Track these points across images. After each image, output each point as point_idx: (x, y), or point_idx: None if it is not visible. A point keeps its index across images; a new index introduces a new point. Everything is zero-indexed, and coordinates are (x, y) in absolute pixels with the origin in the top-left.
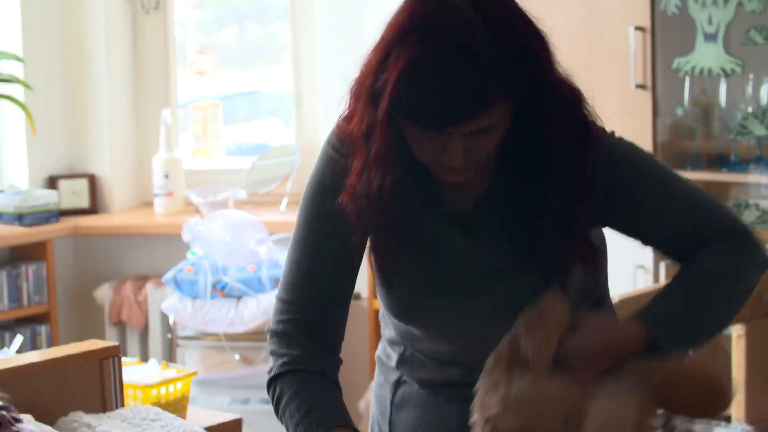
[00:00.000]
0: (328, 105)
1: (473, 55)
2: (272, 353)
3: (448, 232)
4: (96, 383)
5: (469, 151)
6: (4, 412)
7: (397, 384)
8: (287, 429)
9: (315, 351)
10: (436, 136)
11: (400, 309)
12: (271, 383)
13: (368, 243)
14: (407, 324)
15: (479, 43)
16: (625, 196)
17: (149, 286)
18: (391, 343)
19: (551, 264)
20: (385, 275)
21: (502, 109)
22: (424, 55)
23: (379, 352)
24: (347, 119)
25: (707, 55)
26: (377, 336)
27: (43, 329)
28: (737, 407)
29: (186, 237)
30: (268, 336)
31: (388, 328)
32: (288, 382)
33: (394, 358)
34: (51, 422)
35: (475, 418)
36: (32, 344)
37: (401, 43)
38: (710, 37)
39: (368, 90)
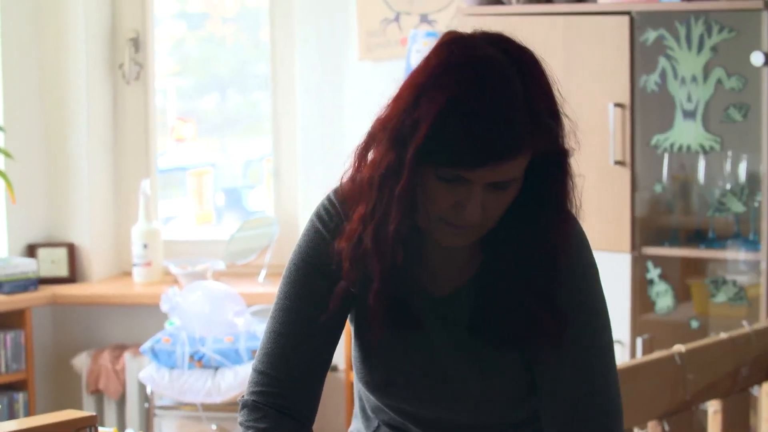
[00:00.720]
0: (307, 176)
1: (509, 96)
2: (241, 424)
3: (428, 313)
4: None
5: (485, 206)
6: None
7: None
8: None
9: (285, 426)
10: (458, 185)
11: (377, 386)
12: None
13: (348, 319)
14: (382, 399)
15: (514, 86)
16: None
17: (127, 356)
18: (365, 418)
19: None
20: (365, 348)
21: (523, 162)
22: (462, 95)
23: (351, 428)
24: (353, 179)
25: (686, 132)
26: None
27: (20, 397)
28: None
29: (164, 307)
30: (239, 406)
31: (362, 403)
32: None
33: None
34: None
35: None
36: (9, 412)
37: (436, 84)
38: (689, 115)
39: (392, 132)
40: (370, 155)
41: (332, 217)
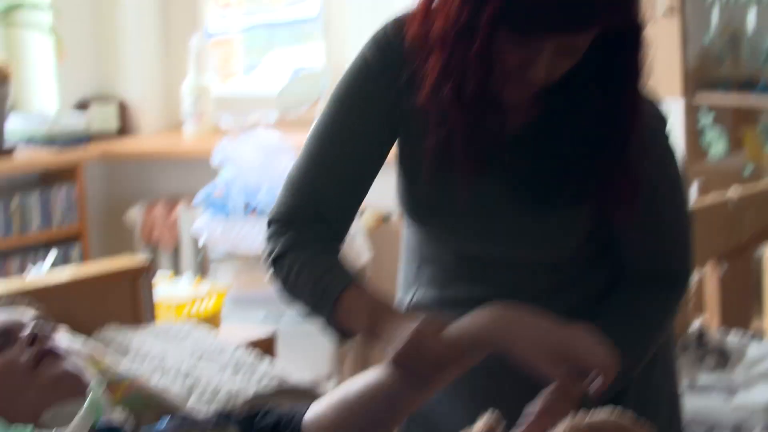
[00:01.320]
0: (358, 27)
1: None
2: (272, 235)
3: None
4: (129, 299)
5: (550, 68)
6: (40, 321)
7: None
8: (301, 301)
9: (320, 232)
10: (527, 47)
11: (421, 214)
12: (276, 262)
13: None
14: (424, 228)
15: None
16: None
17: (180, 208)
18: (416, 265)
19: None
20: (411, 175)
21: (595, 32)
22: None
23: (399, 279)
24: (420, 23)
25: None
26: None
27: (75, 249)
28: None
29: (217, 158)
30: (267, 221)
31: (408, 247)
32: (294, 256)
33: (406, 278)
34: (86, 336)
35: None
36: (64, 264)
37: None
38: None
39: None
40: (437, 2)
41: (389, 44)
